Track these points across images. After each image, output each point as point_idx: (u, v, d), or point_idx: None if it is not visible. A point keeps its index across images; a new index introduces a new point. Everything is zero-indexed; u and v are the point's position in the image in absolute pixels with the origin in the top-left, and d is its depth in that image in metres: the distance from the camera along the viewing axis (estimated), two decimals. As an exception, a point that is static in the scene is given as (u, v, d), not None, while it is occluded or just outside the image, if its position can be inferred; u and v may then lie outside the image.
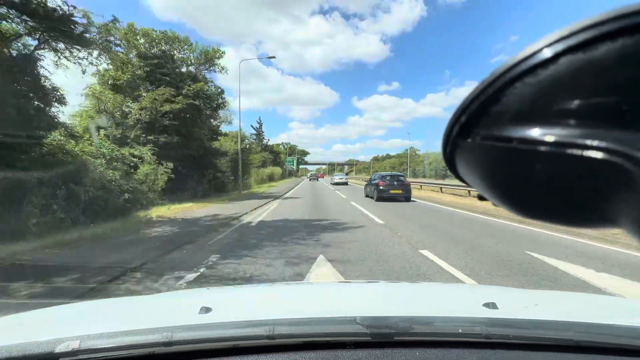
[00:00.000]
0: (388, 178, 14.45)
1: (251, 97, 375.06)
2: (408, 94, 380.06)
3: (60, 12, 7.42)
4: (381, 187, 13.87)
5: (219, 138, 20.77)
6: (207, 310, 0.98)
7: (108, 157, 9.29)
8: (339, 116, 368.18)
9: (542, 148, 0.20)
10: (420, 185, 22.44)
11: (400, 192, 13.80)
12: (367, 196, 15.78)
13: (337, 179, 32.27)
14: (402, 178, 14.72)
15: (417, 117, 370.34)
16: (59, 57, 8.30)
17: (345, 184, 31.01)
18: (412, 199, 14.46)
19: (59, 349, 0.75)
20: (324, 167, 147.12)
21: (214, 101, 18.55)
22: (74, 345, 0.76)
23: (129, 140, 13.29)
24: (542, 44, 0.19)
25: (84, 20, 8.29)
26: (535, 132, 0.20)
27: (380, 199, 13.75)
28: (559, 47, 0.18)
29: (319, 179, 53.35)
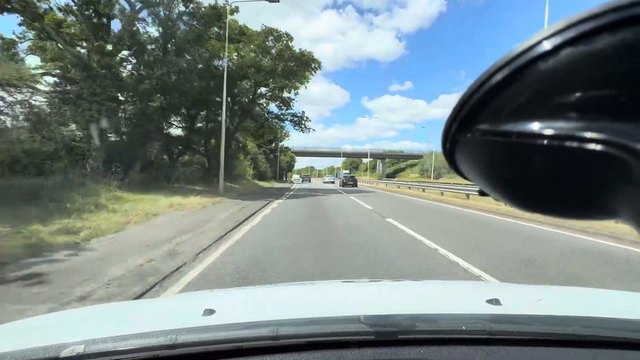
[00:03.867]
0: (348, 176, 34.62)
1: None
2: (421, 94, 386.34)
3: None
4: (343, 180, 33.50)
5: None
6: (210, 312, 1.00)
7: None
8: (348, 116, 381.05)
9: (542, 141, 0.20)
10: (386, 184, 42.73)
11: (352, 183, 32.77)
12: (340, 185, 35.09)
13: (327, 179, 51.85)
14: (354, 176, 35.25)
15: (428, 118, 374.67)
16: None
17: (333, 182, 47.01)
18: (358, 187, 34.54)
19: (64, 353, 0.76)
20: (338, 164, 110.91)
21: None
22: (79, 349, 0.77)
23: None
24: (542, 36, 0.19)
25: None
26: (534, 126, 0.20)
27: (343, 185, 32.85)
28: (559, 39, 0.18)
29: (311, 180, 56.64)
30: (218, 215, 8.66)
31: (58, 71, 14.47)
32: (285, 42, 21.93)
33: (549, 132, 0.20)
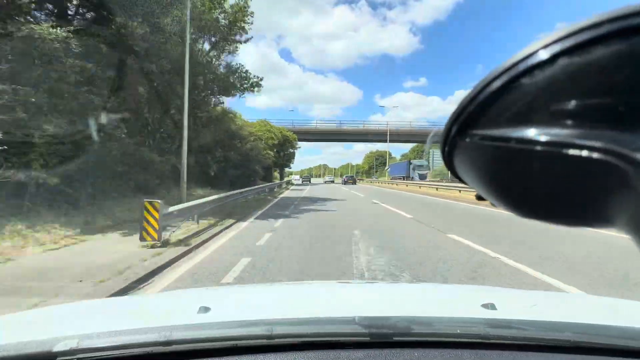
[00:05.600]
0: (349, 176, 38.60)
1: (271, 94, 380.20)
2: (435, 91, 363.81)
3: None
4: (344, 180, 41.93)
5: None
6: (205, 309, 0.99)
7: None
8: (360, 115, 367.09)
9: (539, 148, 0.20)
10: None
11: (352, 181, 41.92)
12: (342, 183, 38.48)
13: (327, 179, 58.19)
14: (353, 176, 40.15)
15: (443, 115, 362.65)
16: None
17: (333, 182, 53.36)
18: (356, 184, 37.88)
19: (57, 348, 0.75)
20: (358, 160, 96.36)
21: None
22: (72, 344, 0.76)
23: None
24: (539, 45, 0.19)
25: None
26: (532, 133, 0.20)
27: (344, 183, 36.57)
28: (556, 48, 0.19)
29: (311, 181, 53.97)
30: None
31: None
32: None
33: (547, 138, 0.20)
